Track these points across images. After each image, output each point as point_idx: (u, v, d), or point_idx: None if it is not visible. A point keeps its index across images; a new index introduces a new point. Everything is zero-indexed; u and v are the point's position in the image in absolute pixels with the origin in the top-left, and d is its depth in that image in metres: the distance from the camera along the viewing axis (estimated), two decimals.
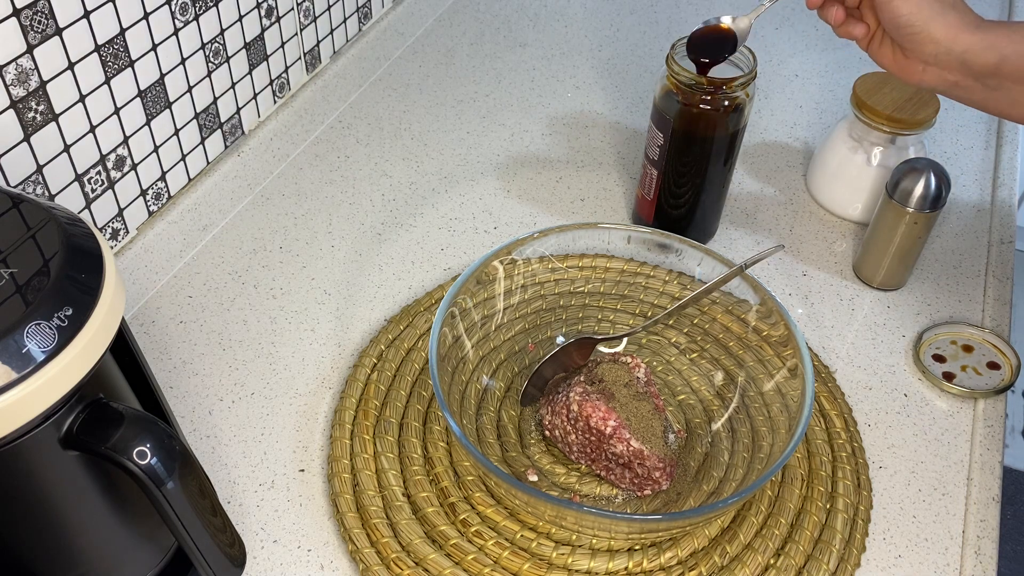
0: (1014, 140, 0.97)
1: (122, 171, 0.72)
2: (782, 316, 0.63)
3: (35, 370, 0.38)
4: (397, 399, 0.67)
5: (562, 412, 0.63)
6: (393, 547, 0.59)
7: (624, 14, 1.18)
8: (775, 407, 0.62)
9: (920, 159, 0.74)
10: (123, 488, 0.48)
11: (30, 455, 0.42)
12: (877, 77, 0.82)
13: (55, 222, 0.43)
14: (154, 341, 0.73)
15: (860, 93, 0.80)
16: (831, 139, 0.86)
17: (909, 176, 0.73)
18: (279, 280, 0.79)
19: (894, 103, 0.79)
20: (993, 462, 0.66)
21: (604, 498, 0.63)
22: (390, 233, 0.84)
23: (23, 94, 0.61)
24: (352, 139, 0.95)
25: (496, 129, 0.97)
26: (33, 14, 0.60)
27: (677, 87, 0.73)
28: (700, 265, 0.69)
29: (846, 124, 0.84)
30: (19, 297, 0.40)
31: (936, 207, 0.73)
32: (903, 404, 0.70)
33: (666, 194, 0.80)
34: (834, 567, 0.59)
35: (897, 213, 0.74)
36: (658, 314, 0.70)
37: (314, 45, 0.93)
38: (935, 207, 0.73)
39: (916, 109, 0.79)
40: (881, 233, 0.76)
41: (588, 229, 0.70)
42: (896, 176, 0.74)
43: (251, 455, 0.65)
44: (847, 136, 0.84)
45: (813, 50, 1.12)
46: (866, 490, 0.64)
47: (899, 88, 0.81)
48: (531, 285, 0.72)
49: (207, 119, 0.80)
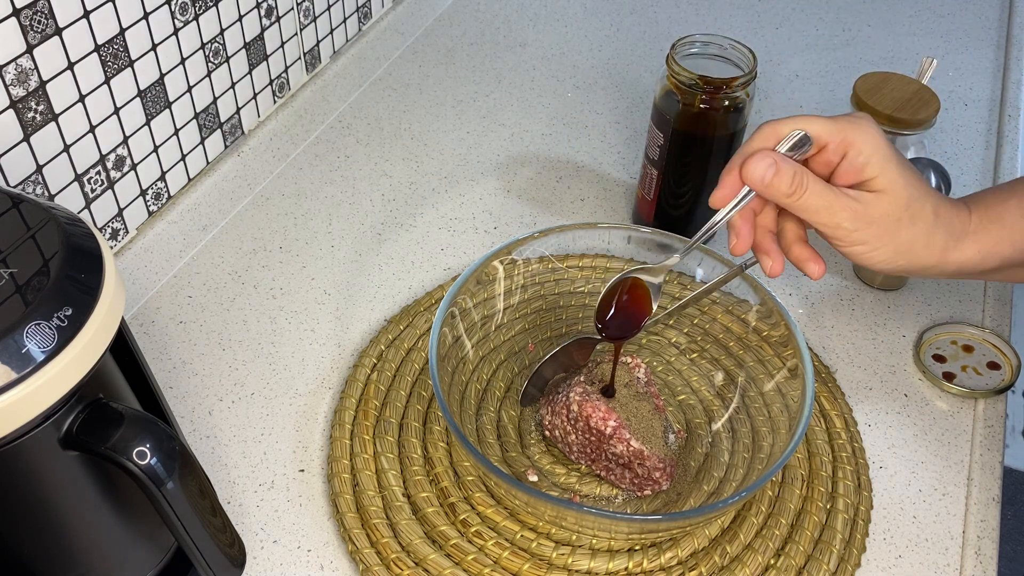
0: (1014, 140, 0.97)
1: (122, 171, 0.72)
2: (782, 316, 0.63)
3: (35, 370, 0.38)
4: (397, 399, 0.67)
5: (562, 412, 0.63)
6: (393, 547, 0.58)
7: (624, 14, 1.18)
8: (775, 407, 0.62)
9: (921, 159, 0.74)
10: (123, 488, 0.48)
11: (30, 455, 0.42)
12: (877, 77, 0.82)
13: (55, 222, 0.43)
14: (154, 341, 0.73)
15: (860, 93, 0.80)
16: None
17: None
18: (279, 280, 0.79)
19: (894, 103, 0.79)
20: (993, 462, 0.66)
21: (604, 498, 0.63)
22: (390, 233, 0.84)
23: (23, 94, 0.61)
24: (352, 139, 0.95)
25: (496, 129, 0.97)
26: (33, 14, 0.60)
27: (677, 87, 0.73)
28: (700, 265, 0.69)
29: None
30: (19, 297, 0.39)
31: None
32: (903, 404, 0.70)
33: (666, 194, 0.80)
34: (834, 567, 0.59)
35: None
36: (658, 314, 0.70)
37: (314, 45, 0.93)
38: None
39: (916, 109, 0.79)
40: None
41: (588, 229, 0.70)
42: None
43: (251, 455, 0.65)
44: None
45: (813, 50, 1.12)
46: (866, 490, 0.64)
47: (899, 88, 0.81)
48: (531, 285, 0.72)
49: (207, 119, 0.80)
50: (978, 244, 0.57)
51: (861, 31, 1.15)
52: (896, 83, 0.81)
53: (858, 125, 0.53)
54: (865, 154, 0.53)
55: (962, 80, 1.06)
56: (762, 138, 0.54)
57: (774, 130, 0.53)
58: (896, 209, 0.54)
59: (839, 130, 0.53)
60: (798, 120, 0.53)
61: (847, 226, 0.54)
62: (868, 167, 0.53)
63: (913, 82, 0.82)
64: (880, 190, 0.54)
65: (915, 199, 0.54)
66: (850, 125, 0.53)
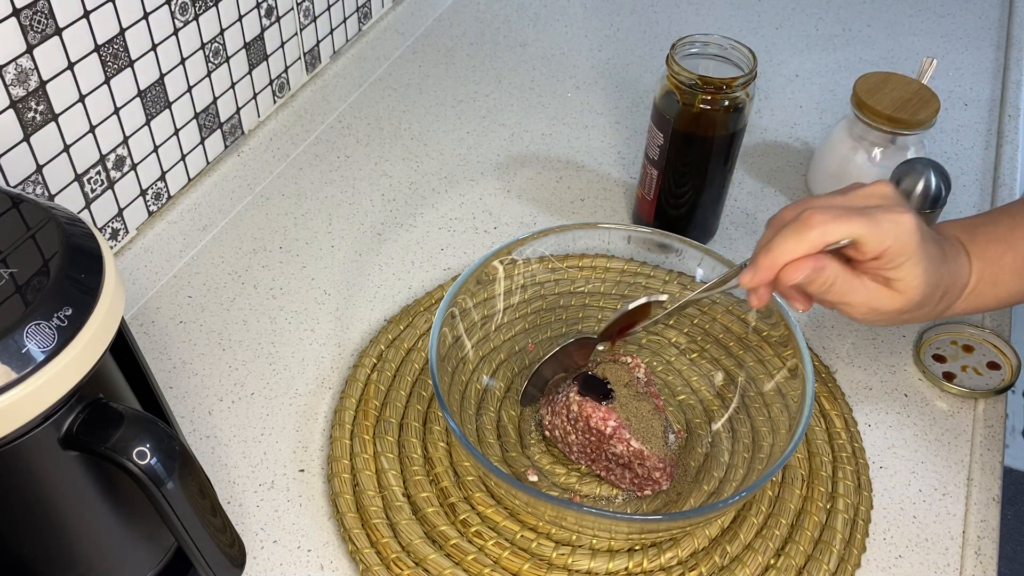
0: (1014, 140, 0.97)
1: (122, 171, 0.72)
2: (782, 316, 0.63)
3: (35, 370, 0.38)
4: (397, 399, 0.67)
5: (562, 412, 0.63)
6: (393, 547, 0.58)
7: (624, 14, 1.18)
8: (775, 407, 0.62)
9: (920, 159, 0.74)
10: (123, 488, 0.48)
11: (30, 455, 0.42)
12: (877, 77, 0.82)
13: (55, 222, 0.43)
14: (154, 341, 0.73)
15: (860, 93, 0.80)
16: (831, 139, 0.86)
17: (909, 176, 0.73)
18: (279, 280, 0.79)
19: (894, 103, 0.79)
20: (993, 462, 0.66)
21: (604, 498, 0.63)
22: (390, 233, 0.84)
23: (23, 94, 0.61)
24: (352, 139, 0.95)
25: (496, 129, 0.97)
26: (33, 14, 0.60)
27: (677, 87, 0.73)
28: (700, 265, 0.69)
29: (846, 124, 0.84)
30: (19, 297, 0.39)
31: (936, 207, 0.73)
32: (903, 404, 0.70)
33: (666, 194, 0.80)
34: (834, 567, 0.59)
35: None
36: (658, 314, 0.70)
37: (314, 45, 0.93)
38: (935, 207, 0.73)
39: (916, 109, 0.79)
40: None
41: (588, 229, 0.70)
42: (896, 176, 0.74)
43: (251, 455, 0.65)
44: (847, 136, 0.84)
45: (813, 50, 1.12)
46: (866, 490, 0.64)
47: (899, 88, 0.81)
48: (531, 285, 0.72)
49: (207, 119, 0.80)
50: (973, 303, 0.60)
51: (861, 31, 1.15)
52: (896, 83, 0.81)
53: (899, 231, 0.53)
54: (898, 262, 0.54)
55: (962, 80, 1.06)
56: (809, 244, 0.53)
57: (823, 237, 0.53)
58: (908, 305, 0.56)
59: (881, 239, 0.53)
60: (844, 225, 0.53)
61: (855, 312, 0.56)
62: (896, 272, 0.54)
63: (913, 82, 0.82)
64: (899, 291, 0.55)
65: (927, 294, 0.56)
66: (892, 232, 0.53)
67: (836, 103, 1.02)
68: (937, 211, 0.73)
